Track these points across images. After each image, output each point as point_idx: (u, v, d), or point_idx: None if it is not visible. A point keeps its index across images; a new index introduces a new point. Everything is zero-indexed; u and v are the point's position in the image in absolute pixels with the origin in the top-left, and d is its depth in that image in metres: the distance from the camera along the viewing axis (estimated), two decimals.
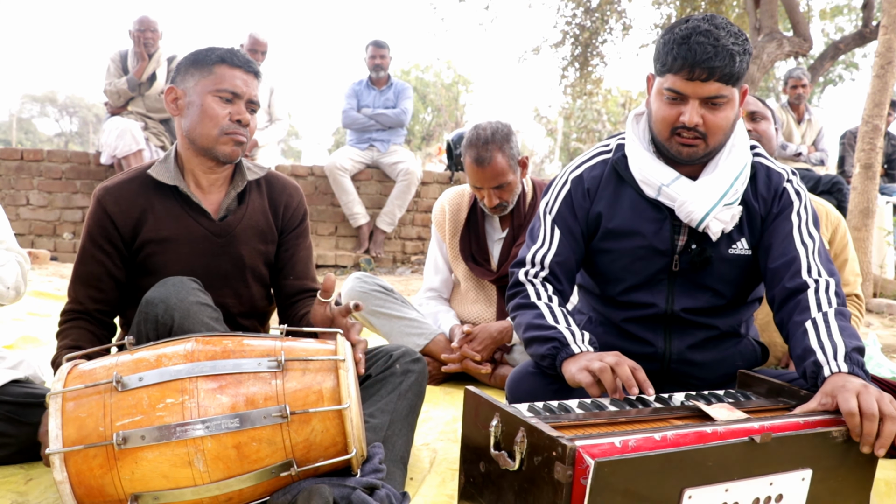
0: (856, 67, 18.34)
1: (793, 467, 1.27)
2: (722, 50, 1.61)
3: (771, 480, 1.25)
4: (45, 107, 32.39)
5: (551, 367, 1.71)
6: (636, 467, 1.12)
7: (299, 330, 1.61)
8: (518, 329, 1.84)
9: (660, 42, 1.71)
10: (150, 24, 5.65)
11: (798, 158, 6.26)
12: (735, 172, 1.77)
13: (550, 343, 1.70)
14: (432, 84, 21.47)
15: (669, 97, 1.69)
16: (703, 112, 1.68)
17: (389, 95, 6.19)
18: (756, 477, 1.23)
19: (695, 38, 1.62)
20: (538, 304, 1.81)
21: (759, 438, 1.21)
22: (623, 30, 10.85)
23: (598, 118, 17.24)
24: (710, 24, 1.64)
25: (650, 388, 1.53)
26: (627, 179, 1.84)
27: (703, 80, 1.64)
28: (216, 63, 1.80)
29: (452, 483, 1.73)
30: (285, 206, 1.97)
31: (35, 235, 6.15)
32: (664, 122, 1.72)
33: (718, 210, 1.74)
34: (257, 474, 1.33)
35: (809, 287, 1.68)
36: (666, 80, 1.69)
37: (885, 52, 5.15)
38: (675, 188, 1.76)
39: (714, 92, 1.65)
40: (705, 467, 1.18)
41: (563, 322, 1.75)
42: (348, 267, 6.16)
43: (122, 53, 5.76)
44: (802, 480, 1.28)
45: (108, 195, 1.83)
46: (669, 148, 1.74)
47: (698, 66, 1.62)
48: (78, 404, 1.32)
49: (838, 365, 1.50)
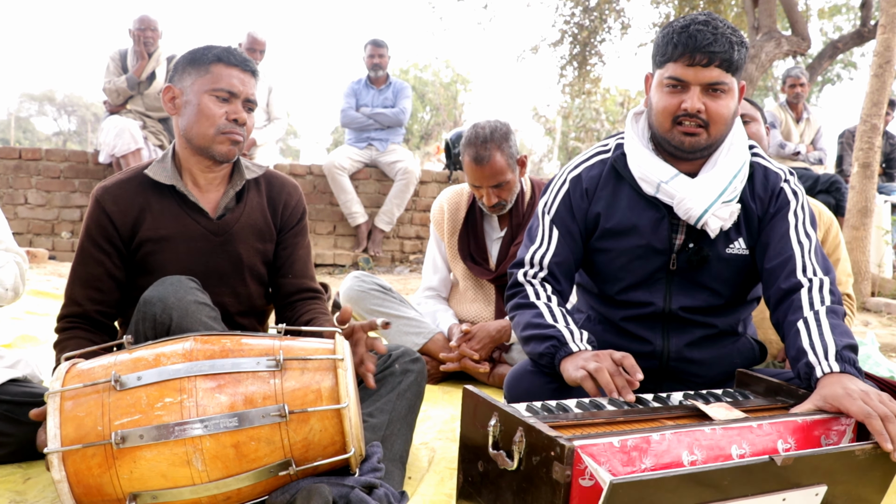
0: (854, 67, 18.36)
1: (808, 484, 1.25)
2: (721, 37, 1.65)
3: (784, 497, 1.22)
4: (43, 106, 32.37)
5: (549, 365, 1.71)
6: (652, 488, 1.10)
7: (298, 329, 1.61)
8: (517, 328, 1.84)
9: (658, 36, 1.73)
10: (151, 22, 5.65)
11: (796, 157, 6.27)
12: (734, 170, 1.77)
13: (549, 341, 1.71)
14: (431, 83, 21.46)
15: (670, 86, 1.70)
16: (705, 100, 1.69)
17: (388, 95, 6.19)
18: (770, 493, 1.21)
19: (694, 26, 1.65)
20: (537, 303, 1.81)
21: (779, 460, 1.18)
22: (621, 29, 10.85)
23: (597, 117, 17.25)
24: (708, 16, 1.68)
25: (639, 372, 1.55)
26: (626, 177, 1.84)
27: (703, 66, 1.66)
28: (213, 62, 1.79)
29: (451, 482, 1.73)
30: (284, 205, 1.96)
31: (33, 234, 6.14)
32: (665, 112, 1.72)
33: (717, 207, 1.74)
34: (256, 473, 1.33)
35: (803, 286, 1.68)
36: (666, 69, 1.70)
37: (883, 52, 5.16)
38: (674, 185, 1.76)
39: (715, 78, 1.67)
40: (721, 486, 1.16)
41: (562, 321, 1.75)
42: (347, 266, 6.16)
43: (121, 52, 5.76)
44: (816, 496, 1.26)
45: (106, 194, 1.82)
46: (671, 139, 1.74)
47: (699, 52, 1.64)
48: (76, 403, 1.32)
49: (830, 365, 1.50)
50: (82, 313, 1.80)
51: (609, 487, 1.04)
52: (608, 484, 1.04)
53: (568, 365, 1.64)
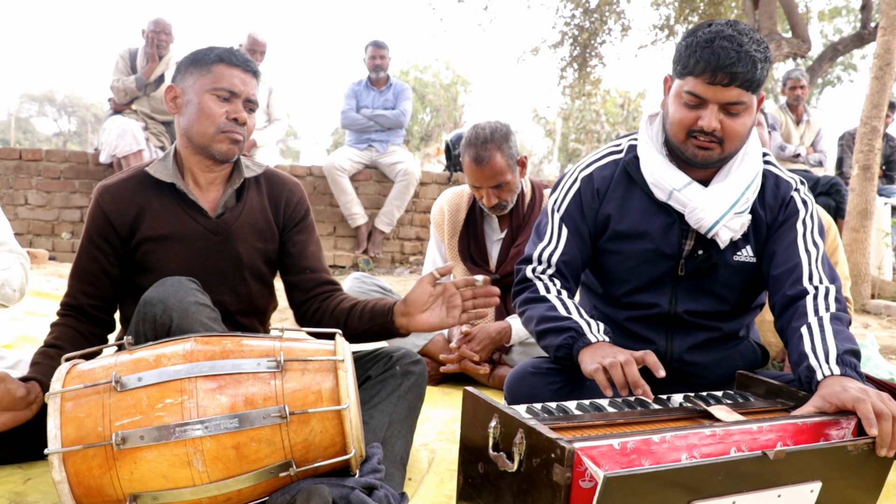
0: (854, 69, 18.37)
1: (803, 480, 1.25)
2: (745, 56, 1.59)
3: (779, 493, 1.23)
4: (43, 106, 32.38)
5: (567, 356, 1.71)
6: (645, 482, 1.11)
7: (297, 330, 1.61)
8: (529, 323, 1.83)
9: (681, 44, 1.68)
10: (165, 26, 5.66)
11: (797, 160, 6.27)
12: (747, 181, 1.76)
13: (566, 333, 1.71)
14: (431, 84, 21.47)
15: (689, 101, 1.67)
16: (722, 117, 1.66)
17: (389, 96, 6.19)
18: (764, 489, 1.22)
19: (719, 42, 1.59)
20: (548, 297, 1.81)
21: (772, 454, 1.19)
22: (622, 31, 10.86)
23: (597, 119, 17.25)
24: (733, 30, 1.61)
25: (661, 369, 1.55)
26: (638, 181, 1.83)
27: (724, 85, 1.61)
28: (215, 62, 1.81)
29: (451, 484, 1.73)
30: (286, 203, 1.96)
31: (33, 235, 6.14)
32: (681, 125, 1.70)
33: (729, 218, 1.74)
34: (256, 474, 1.33)
35: (809, 293, 1.68)
36: (686, 82, 1.66)
37: (883, 54, 5.16)
38: (687, 193, 1.75)
39: (734, 98, 1.63)
40: (715, 481, 1.16)
41: (576, 313, 1.75)
42: (347, 267, 6.16)
43: (131, 51, 5.75)
44: (811, 492, 1.27)
45: (106, 193, 1.83)
46: (684, 151, 1.73)
47: (721, 71, 1.60)
48: (77, 404, 1.32)
49: (830, 368, 1.50)
50: (77, 305, 1.83)
51: (603, 482, 1.05)
52: (602, 478, 1.05)
53: (586, 357, 1.64)
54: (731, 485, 1.18)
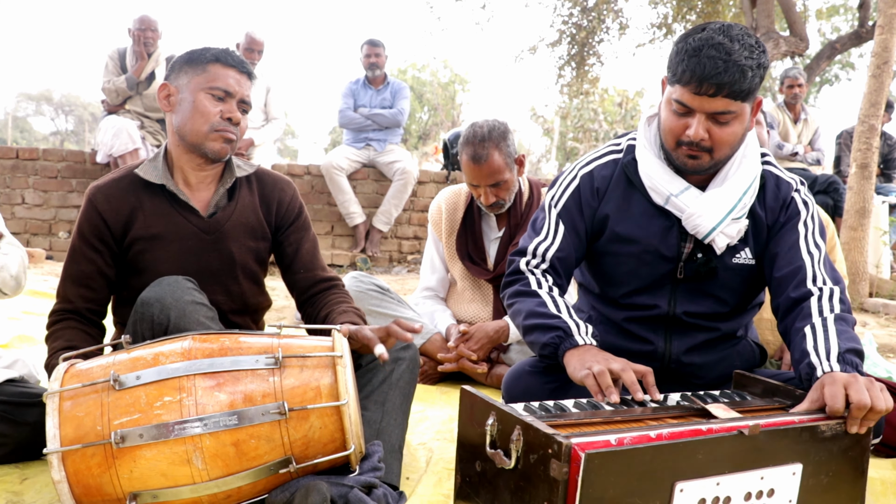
0: (852, 67, 18.39)
1: (782, 461, 1.29)
2: (733, 66, 1.56)
3: (762, 475, 1.26)
4: (40, 105, 32.33)
5: (552, 356, 1.69)
6: (626, 460, 1.14)
7: (296, 327, 1.61)
8: (517, 316, 1.81)
9: (673, 49, 1.66)
10: (151, 23, 5.64)
11: (794, 158, 6.27)
12: (744, 186, 1.75)
13: (553, 332, 1.69)
14: (429, 83, 21.47)
15: (677, 109, 1.66)
16: (710, 126, 1.64)
17: (386, 95, 6.19)
18: (747, 471, 1.25)
19: (706, 51, 1.56)
20: (540, 292, 1.80)
21: (747, 431, 1.23)
22: (620, 29, 10.87)
23: (595, 117, 17.25)
24: (724, 37, 1.58)
25: (657, 394, 1.52)
26: (637, 185, 1.82)
27: (710, 96, 1.59)
28: (210, 62, 1.81)
29: (449, 482, 1.73)
30: (278, 202, 1.97)
31: (30, 234, 6.13)
32: (671, 133, 1.69)
33: (726, 224, 1.73)
34: (256, 471, 1.34)
35: (813, 295, 1.67)
36: (675, 90, 1.65)
37: (881, 52, 5.17)
38: (684, 199, 1.75)
39: (721, 108, 1.61)
40: (696, 460, 1.19)
41: (566, 312, 1.74)
42: (344, 266, 6.16)
43: (120, 51, 5.74)
44: (793, 475, 1.30)
45: (98, 193, 1.84)
46: (675, 158, 1.72)
47: (706, 81, 1.57)
48: (75, 403, 1.32)
49: (831, 365, 1.50)
50: (73, 310, 1.81)
51: (585, 459, 1.08)
52: (583, 457, 1.08)
53: (573, 360, 1.62)
54: (714, 465, 1.21)
